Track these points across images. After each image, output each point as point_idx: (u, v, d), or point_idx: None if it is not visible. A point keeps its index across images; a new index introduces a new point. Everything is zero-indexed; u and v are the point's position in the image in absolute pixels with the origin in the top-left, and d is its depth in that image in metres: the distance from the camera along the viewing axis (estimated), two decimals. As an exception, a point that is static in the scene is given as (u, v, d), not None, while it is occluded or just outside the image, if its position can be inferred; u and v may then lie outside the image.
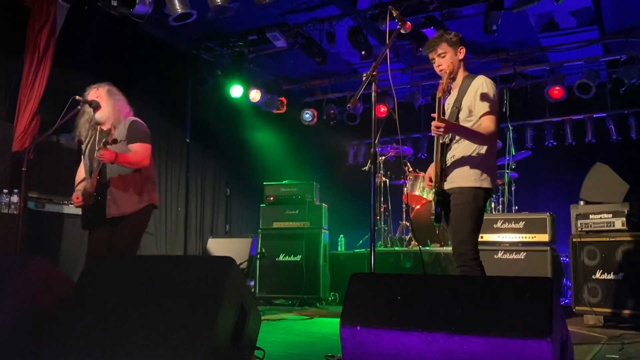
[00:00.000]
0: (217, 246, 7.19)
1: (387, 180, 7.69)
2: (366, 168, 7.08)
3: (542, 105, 8.51)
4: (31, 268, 2.81)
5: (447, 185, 3.36)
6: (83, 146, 3.99)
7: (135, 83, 4.10)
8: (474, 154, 3.32)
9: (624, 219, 4.77)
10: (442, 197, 3.35)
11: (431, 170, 3.53)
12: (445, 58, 3.44)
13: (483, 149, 3.32)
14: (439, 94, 3.24)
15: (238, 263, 2.71)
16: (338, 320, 2.34)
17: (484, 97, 3.30)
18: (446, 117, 3.41)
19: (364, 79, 3.25)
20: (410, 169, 7.53)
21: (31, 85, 5.28)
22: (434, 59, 3.49)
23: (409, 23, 3.42)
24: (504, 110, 6.80)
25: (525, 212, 5.96)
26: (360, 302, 2.36)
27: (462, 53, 3.44)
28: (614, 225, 4.84)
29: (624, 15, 7.04)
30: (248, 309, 2.62)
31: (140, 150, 3.83)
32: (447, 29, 6.72)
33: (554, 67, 8.20)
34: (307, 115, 9.17)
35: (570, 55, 7.91)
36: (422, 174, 7.49)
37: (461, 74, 3.48)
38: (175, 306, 2.39)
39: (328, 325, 4.90)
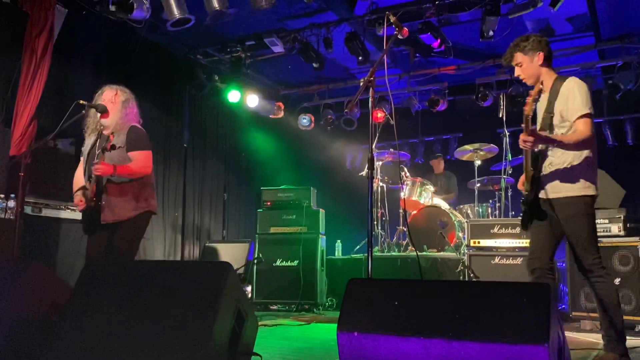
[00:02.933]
0: (214, 251, 7.18)
1: (385, 186, 7.70)
2: (363, 173, 7.09)
3: (539, 110, 8.53)
4: (28, 273, 2.81)
5: (551, 195, 3.28)
6: (83, 148, 3.97)
7: (132, 88, 4.08)
8: (575, 161, 3.22)
9: (621, 224, 4.80)
10: (530, 206, 3.29)
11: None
12: (522, 67, 3.37)
13: (583, 155, 3.22)
14: (526, 112, 3.11)
15: (235, 268, 2.71)
16: (335, 325, 2.34)
17: (575, 100, 3.18)
18: (538, 123, 3.32)
19: (361, 84, 3.26)
20: (408, 174, 7.54)
21: (29, 89, 5.28)
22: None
23: (406, 29, 3.43)
24: (500, 116, 6.82)
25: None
26: (357, 308, 2.36)
27: (540, 58, 3.32)
28: (610, 231, 4.86)
29: (620, 21, 7.08)
30: (245, 314, 2.62)
31: (141, 159, 3.80)
32: (444, 35, 6.75)
33: (550, 73, 8.23)
34: (305, 121, 9.18)
35: (567, 61, 7.94)
36: (419, 179, 7.51)
37: (549, 78, 3.33)
38: (172, 312, 2.39)
39: (325, 331, 4.90)
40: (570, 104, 3.20)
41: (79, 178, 3.95)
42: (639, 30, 7.20)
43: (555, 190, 3.27)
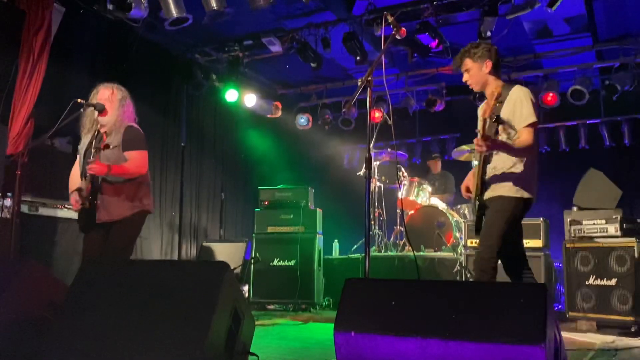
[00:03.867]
0: (211, 251, 7.17)
1: (382, 185, 7.70)
2: (361, 173, 7.09)
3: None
4: (24, 272, 2.81)
5: (487, 194, 3.36)
6: (79, 147, 3.96)
7: (130, 87, 4.06)
8: (514, 166, 3.31)
9: (617, 224, 4.80)
10: (483, 210, 3.36)
11: (469, 180, 3.57)
12: (471, 74, 3.48)
13: (524, 160, 3.31)
14: (485, 116, 3.26)
15: (232, 268, 2.71)
16: (332, 325, 2.33)
17: (524, 109, 3.29)
18: (480, 129, 3.41)
19: (359, 84, 3.27)
20: (405, 174, 7.54)
21: (26, 88, 5.27)
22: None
23: (404, 29, 3.44)
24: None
25: (519, 217, 5.97)
26: (354, 308, 2.36)
27: (488, 67, 3.43)
28: (607, 231, 4.87)
29: (617, 23, 7.10)
30: (242, 314, 2.61)
31: (137, 158, 3.78)
32: (442, 35, 6.75)
33: (547, 74, 8.25)
34: (302, 120, 9.18)
35: (564, 62, 7.96)
36: (416, 179, 7.51)
37: (496, 86, 3.42)
38: (169, 311, 2.39)
39: (322, 331, 4.89)
40: (517, 111, 3.30)
41: (75, 177, 3.94)
42: (636, 31, 7.22)
43: (493, 190, 3.34)
